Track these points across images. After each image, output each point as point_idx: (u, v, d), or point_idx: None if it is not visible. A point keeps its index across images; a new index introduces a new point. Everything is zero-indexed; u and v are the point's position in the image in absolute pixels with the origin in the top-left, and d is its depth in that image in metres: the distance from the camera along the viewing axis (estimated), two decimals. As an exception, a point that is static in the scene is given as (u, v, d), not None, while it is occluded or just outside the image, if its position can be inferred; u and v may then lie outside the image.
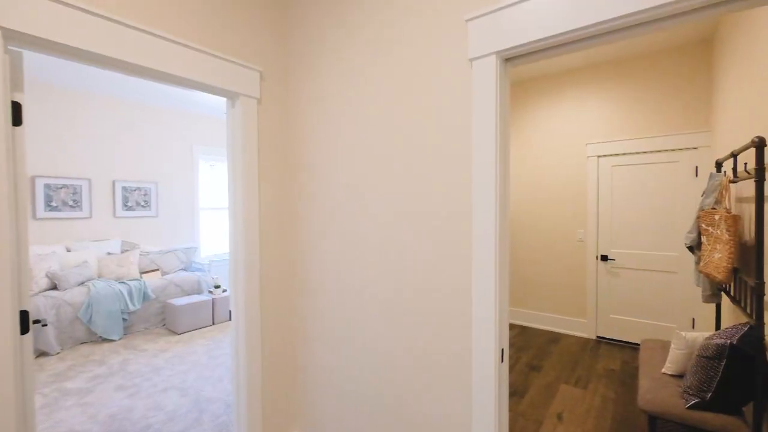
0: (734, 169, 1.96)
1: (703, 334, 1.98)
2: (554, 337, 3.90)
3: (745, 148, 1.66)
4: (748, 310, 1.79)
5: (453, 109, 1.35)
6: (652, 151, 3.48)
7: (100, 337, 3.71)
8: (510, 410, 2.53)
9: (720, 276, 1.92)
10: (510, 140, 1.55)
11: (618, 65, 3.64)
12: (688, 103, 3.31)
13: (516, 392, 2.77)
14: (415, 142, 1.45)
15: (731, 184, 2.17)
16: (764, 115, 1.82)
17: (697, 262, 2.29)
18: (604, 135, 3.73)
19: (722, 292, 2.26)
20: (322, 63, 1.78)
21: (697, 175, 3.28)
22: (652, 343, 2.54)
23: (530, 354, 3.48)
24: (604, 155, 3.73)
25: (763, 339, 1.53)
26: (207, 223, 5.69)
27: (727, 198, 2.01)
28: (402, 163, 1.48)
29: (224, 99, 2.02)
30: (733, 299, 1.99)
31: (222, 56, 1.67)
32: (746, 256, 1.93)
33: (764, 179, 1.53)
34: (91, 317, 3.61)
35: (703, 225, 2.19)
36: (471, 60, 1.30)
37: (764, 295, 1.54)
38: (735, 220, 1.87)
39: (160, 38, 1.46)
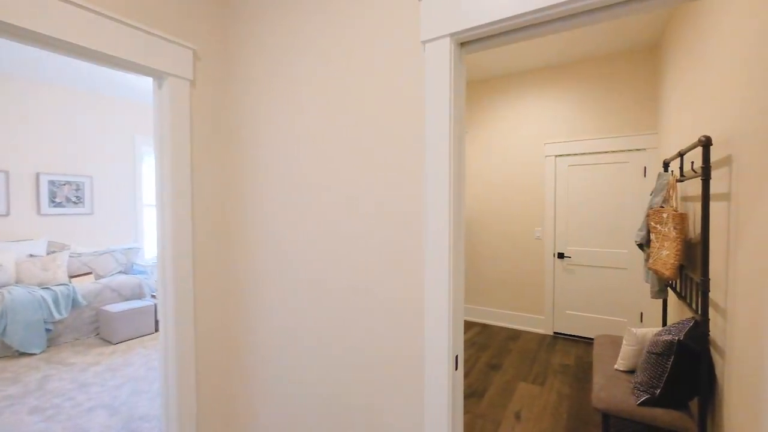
0: (681, 168, 2.01)
1: (652, 330, 2.01)
2: (514, 334, 3.93)
3: (693, 147, 1.69)
4: (694, 306, 1.83)
5: (407, 96, 1.23)
6: (605, 152, 3.59)
7: (17, 351, 3.26)
8: (469, 411, 2.48)
9: (667, 273, 1.96)
10: (464, 131, 1.46)
11: (574, 67, 3.73)
12: (637, 105, 3.44)
13: (475, 393, 2.73)
14: (366, 131, 1.32)
15: (678, 183, 2.24)
16: (705, 118, 1.88)
17: (647, 260, 2.35)
18: (561, 135, 3.81)
19: (669, 288, 2.33)
20: (265, 42, 1.60)
21: (645, 176, 3.41)
22: (605, 338, 2.59)
23: (490, 352, 3.48)
24: (562, 155, 3.81)
25: (708, 335, 1.56)
26: (153, 221, 5.23)
27: (674, 197, 2.06)
28: (352, 153, 1.35)
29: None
30: (680, 295, 2.05)
31: (145, 29, 1.44)
32: (692, 253, 1.98)
33: (710, 177, 1.55)
34: (5, 329, 3.16)
35: (652, 223, 2.24)
36: (424, 42, 1.18)
37: (709, 291, 1.56)
38: (682, 218, 1.91)
39: (64, 1, 1.22)
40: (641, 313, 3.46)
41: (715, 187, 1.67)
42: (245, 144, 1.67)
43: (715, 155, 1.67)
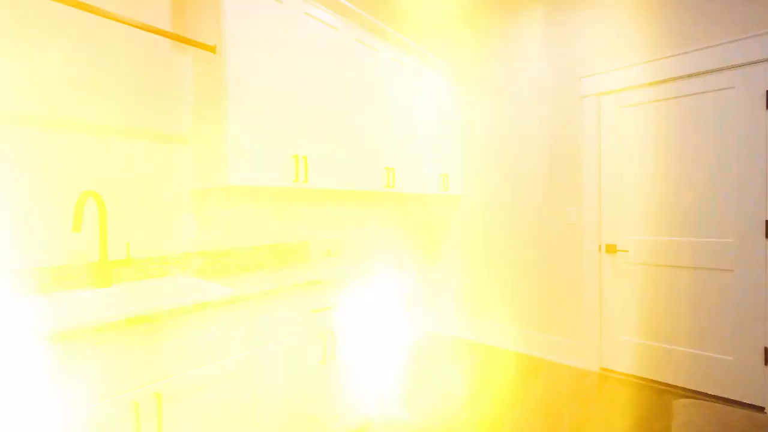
0: None
1: None
2: (533, 369, 2.58)
3: None
4: None
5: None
6: (686, 76, 2.15)
7: None
8: None
9: None
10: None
11: (627, -52, 2.33)
12: (747, -15, 1.97)
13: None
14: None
15: None
16: None
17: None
18: (608, 61, 2.41)
19: None
20: None
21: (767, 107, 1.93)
22: (695, 412, 1.23)
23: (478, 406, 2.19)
24: (608, 92, 2.41)
25: None
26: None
27: None
28: None
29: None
30: None
31: None
32: None
33: None
34: None
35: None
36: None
37: None
38: None
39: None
40: (765, 348, 1.97)
41: None
42: None
43: None
